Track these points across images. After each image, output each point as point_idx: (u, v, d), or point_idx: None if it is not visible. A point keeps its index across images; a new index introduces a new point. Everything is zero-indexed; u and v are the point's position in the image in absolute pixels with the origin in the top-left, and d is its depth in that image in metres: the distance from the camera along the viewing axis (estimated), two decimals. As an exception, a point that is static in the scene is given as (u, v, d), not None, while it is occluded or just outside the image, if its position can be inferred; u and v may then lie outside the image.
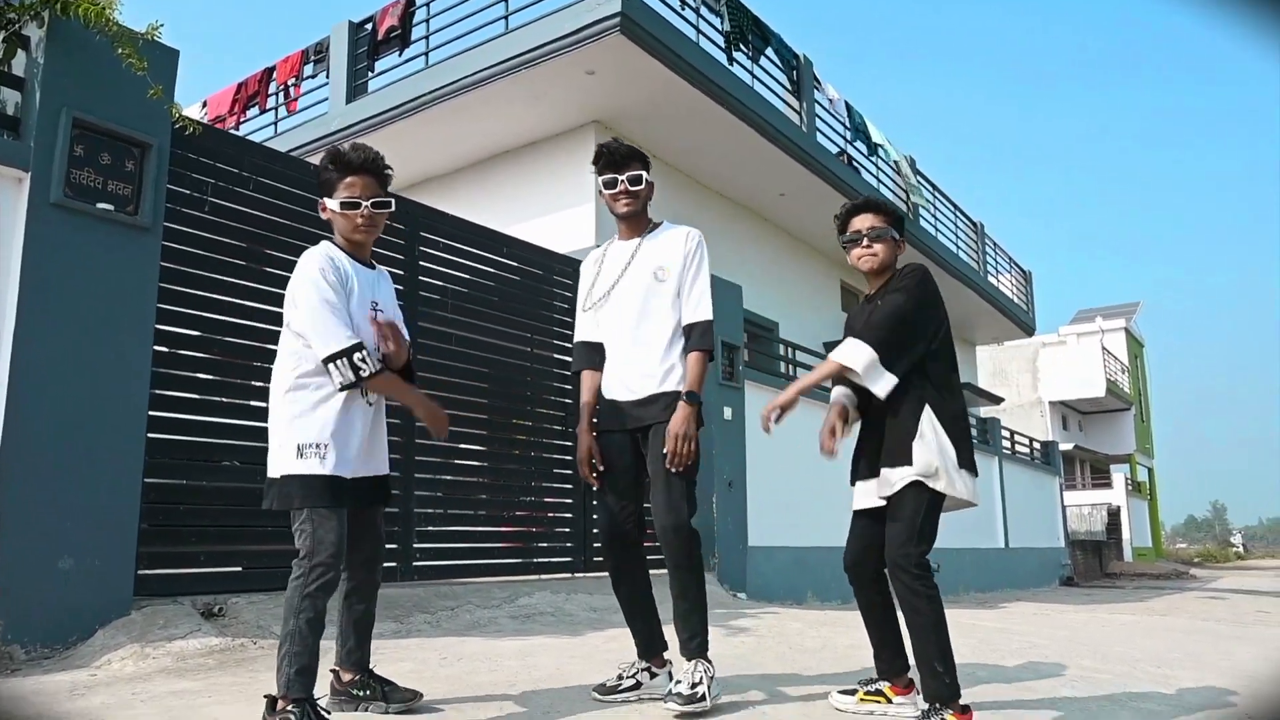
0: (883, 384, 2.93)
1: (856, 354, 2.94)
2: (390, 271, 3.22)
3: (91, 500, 3.79)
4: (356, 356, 2.62)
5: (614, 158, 3.21)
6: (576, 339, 3.36)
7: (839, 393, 3.23)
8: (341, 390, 2.65)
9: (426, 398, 2.93)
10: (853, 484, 3.17)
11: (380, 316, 2.81)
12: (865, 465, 3.11)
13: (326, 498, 2.62)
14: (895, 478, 2.94)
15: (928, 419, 2.94)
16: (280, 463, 2.65)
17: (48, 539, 3.64)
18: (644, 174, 3.21)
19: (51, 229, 3.78)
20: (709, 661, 3.03)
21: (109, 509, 3.85)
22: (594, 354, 3.28)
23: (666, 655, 3.21)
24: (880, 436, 3.03)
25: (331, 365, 2.62)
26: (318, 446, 2.63)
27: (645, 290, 3.16)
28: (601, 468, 3.18)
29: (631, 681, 3.13)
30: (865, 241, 3.12)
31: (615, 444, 3.19)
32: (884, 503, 2.99)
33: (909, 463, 2.91)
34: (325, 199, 2.84)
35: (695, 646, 3.03)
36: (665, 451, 2.99)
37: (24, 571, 3.56)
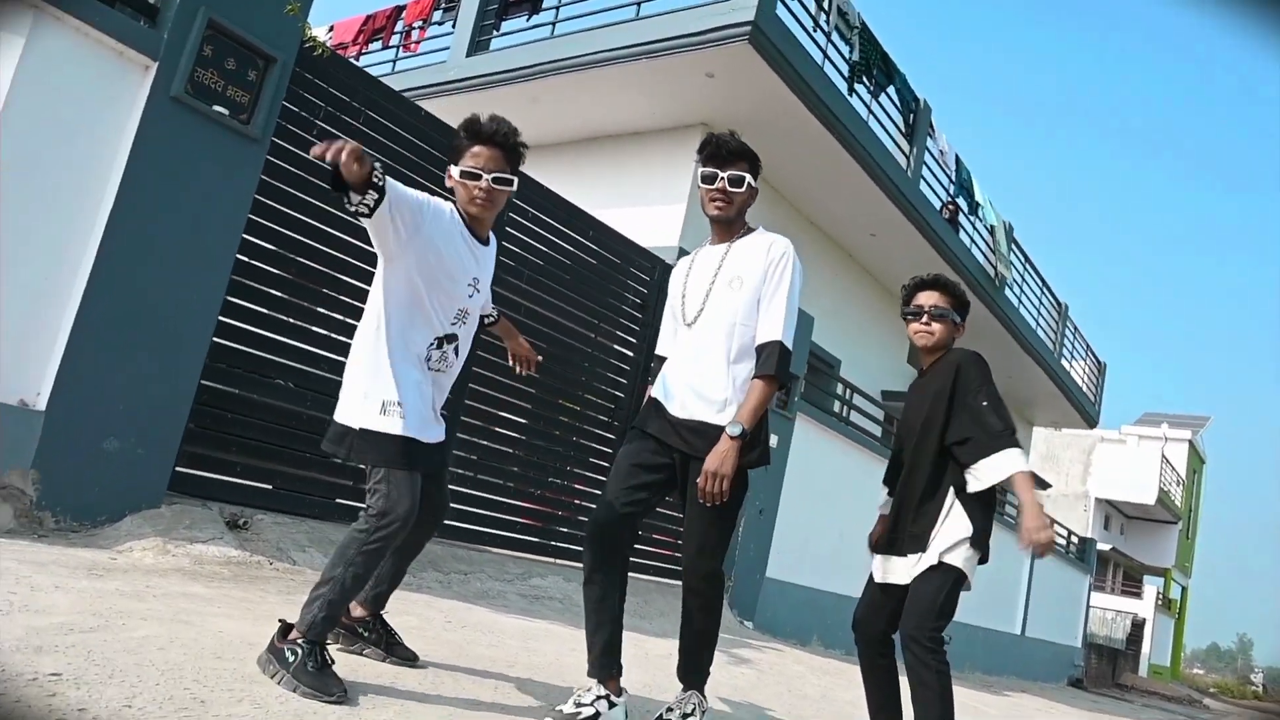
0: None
1: (1018, 461, 2.90)
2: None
3: (148, 388, 3.85)
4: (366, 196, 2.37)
5: (719, 151, 2.87)
6: (656, 351, 3.09)
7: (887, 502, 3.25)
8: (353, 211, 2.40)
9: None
10: (873, 553, 3.14)
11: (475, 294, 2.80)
12: (887, 541, 3.08)
13: (404, 459, 2.55)
14: (913, 564, 2.95)
15: (951, 503, 2.95)
16: (360, 414, 2.58)
17: (99, 417, 3.71)
18: (748, 177, 2.87)
19: (166, 121, 3.84)
20: (704, 696, 2.92)
21: (162, 401, 3.91)
22: None
23: (622, 681, 2.85)
24: (911, 511, 3.03)
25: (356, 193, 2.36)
26: (399, 405, 2.56)
27: (719, 301, 2.84)
28: None
29: (590, 711, 2.71)
30: (925, 319, 3.12)
31: (649, 448, 2.86)
32: (902, 581, 2.99)
33: (923, 550, 2.93)
34: (451, 165, 2.75)
35: (696, 680, 2.92)
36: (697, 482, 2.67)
37: (71, 443, 3.63)
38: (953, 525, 2.92)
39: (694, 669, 2.92)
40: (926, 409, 3.05)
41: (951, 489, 2.96)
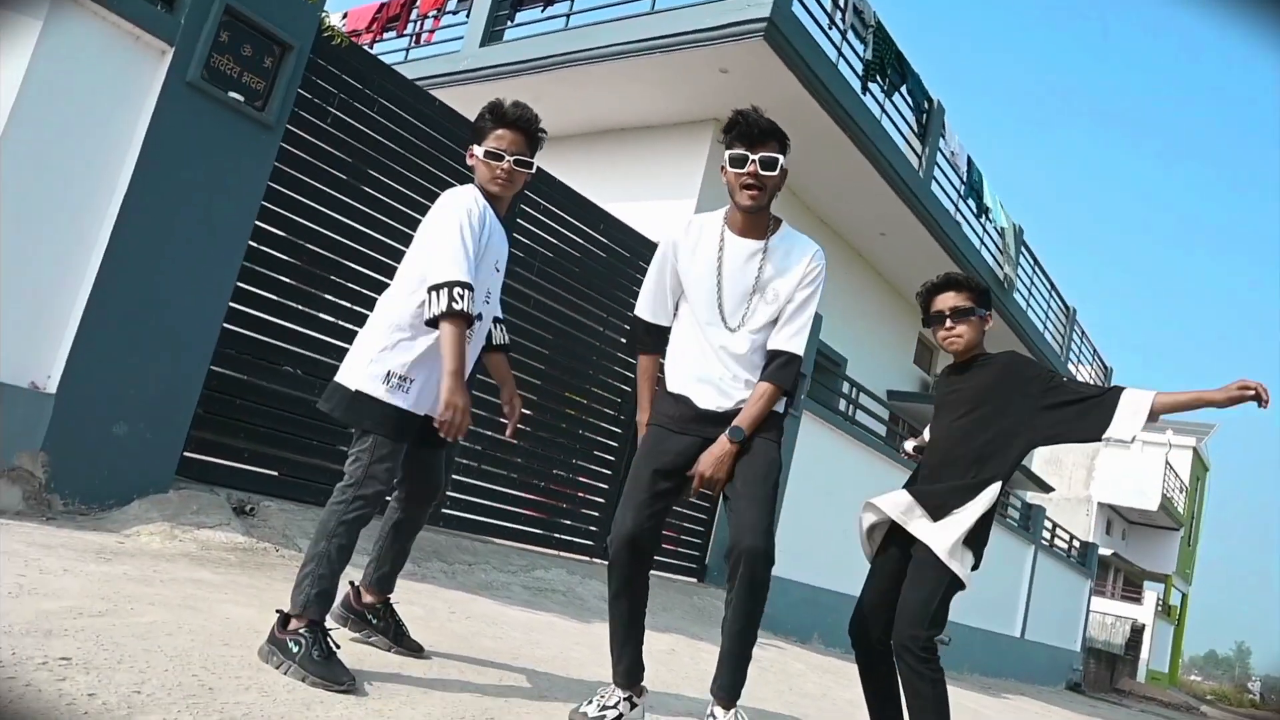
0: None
1: (1141, 395, 2.78)
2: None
3: (158, 373, 3.86)
4: (456, 291, 2.51)
5: (750, 130, 2.67)
6: (647, 317, 2.89)
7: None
8: (428, 323, 2.56)
9: (462, 388, 2.54)
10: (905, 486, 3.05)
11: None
12: (916, 491, 2.99)
13: (394, 430, 2.61)
14: (919, 525, 2.89)
15: (973, 504, 2.86)
16: (361, 378, 2.62)
17: (109, 401, 3.72)
18: (780, 158, 2.69)
19: (181, 107, 3.84)
20: (742, 710, 2.71)
21: (171, 385, 3.92)
22: (665, 341, 2.90)
23: (644, 682, 2.86)
24: (932, 484, 2.97)
25: (433, 293, 2.53)
26: (404, 380, 2.61)
27: (760, 311, 2.75)
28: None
29: (615, 713, 2.72)
30: (949, 323, 3.01)
31: (678, 444, 2.74)
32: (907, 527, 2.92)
33: (937, 519, 2.87)
34: (474, 145, 2.83)
35: (736, 695, 2.70)
36: (693, 475, 2.67)
37: (80, 427, 3.64)
38: (962, 520, 2.86)
39: (738, 685, 2.69)
40: (961, 404, 2.99)
41: (983, 492, 2.86)
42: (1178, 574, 35.14)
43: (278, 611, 2.53)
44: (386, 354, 2.62)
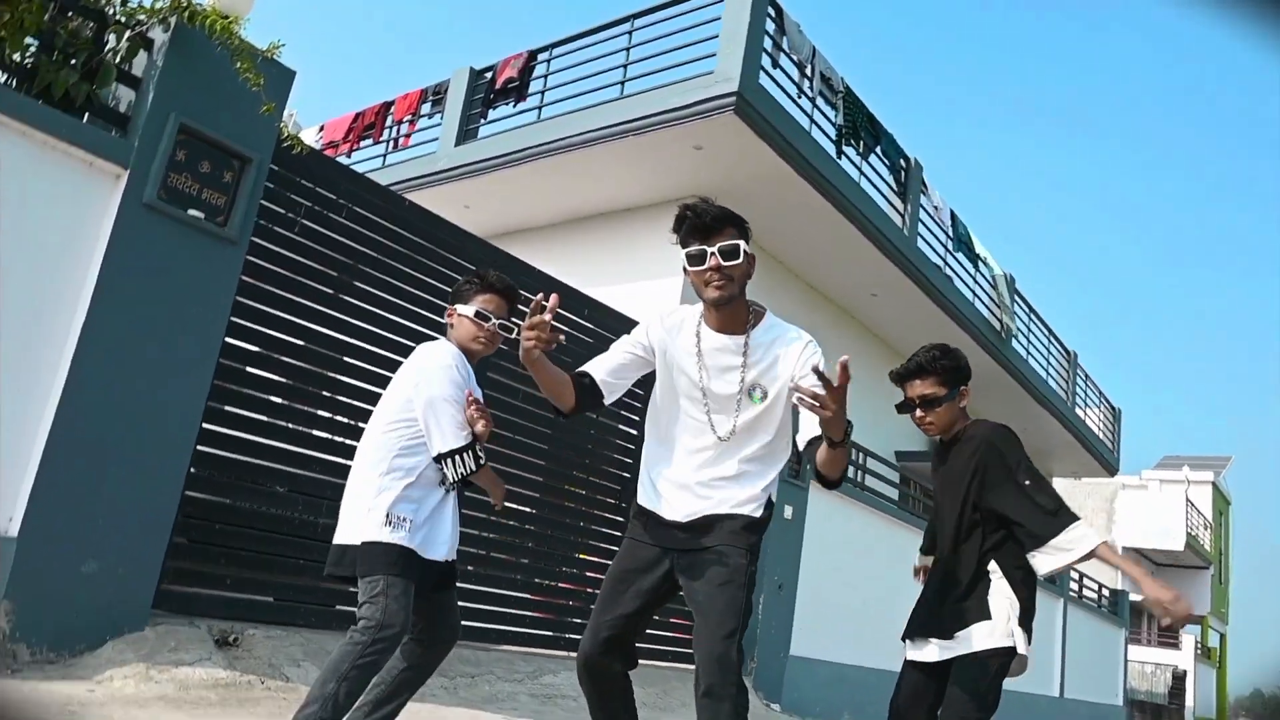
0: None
1: (1093, 534, 2.77)
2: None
3: (128, 505, 3.69)
4: (476, 452, 2.73)
5: (700, 221, 2.43)
6: (592, 371, 2.70)
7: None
8: (450, 486, 2.75)
9: (499, 479, 2.96)
10: (905, 639, 2.94)
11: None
12: (924, 623, 2.91)
13: (404, 568, 2.58)
14: (964, 638, 2.79)
15: (989, 588, 2.83)
16: (363, 529, 2.62)
17: (76, 539, 3.54)
18: (741, 244, 2.43)
19: (139, 228, 3.76)
20: None
21: (143, 516, 3.75)
22: (586, 390, 2.66)
23: None
24: (946, 592, 2.87)
25: (446, 461, 2.69)
26: (406, 520, 2.63)
27: (746, 416, 2.50)
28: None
29: None
30: (918, 412, 2.98)
31: (645, 557, 2.54)
32: (943, 657, 2.80)
33: (984, 618, 2.78)
34: (457, 305, 2.94)
35: None
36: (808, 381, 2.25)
37: (47, 570, 3.45)
38: (995, 609, 2.78)
39: None
40: (952, 491, 2.92)
41: (990, 573, 2.82)
42: (1213, 614, 34.22)
43: None
44: (381, 499, 2.64)
